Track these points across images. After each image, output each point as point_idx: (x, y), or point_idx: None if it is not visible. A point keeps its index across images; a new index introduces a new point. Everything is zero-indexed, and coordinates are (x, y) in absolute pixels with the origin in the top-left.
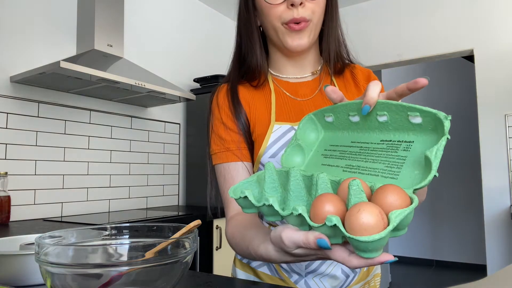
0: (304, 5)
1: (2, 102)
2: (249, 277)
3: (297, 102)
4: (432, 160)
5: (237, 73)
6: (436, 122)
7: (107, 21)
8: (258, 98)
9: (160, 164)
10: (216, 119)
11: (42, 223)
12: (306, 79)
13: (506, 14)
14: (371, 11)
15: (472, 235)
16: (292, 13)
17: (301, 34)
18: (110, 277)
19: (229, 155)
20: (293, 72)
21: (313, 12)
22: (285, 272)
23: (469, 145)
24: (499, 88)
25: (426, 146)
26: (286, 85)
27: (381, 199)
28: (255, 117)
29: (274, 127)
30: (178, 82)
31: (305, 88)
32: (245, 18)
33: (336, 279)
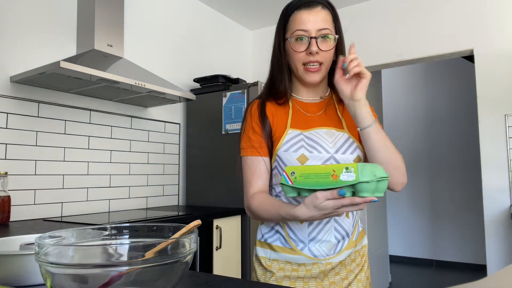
0: (319, 53)
1: (2, 102)
2: (266, 252)
3: (307, 116)
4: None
5: (268, 93)
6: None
7: (107, 21)
8: (280, 111)
9: (160, 164)
10: (248, 124)
11: (42, 223)
12: (316, 101)
13: (506, 14)
14: (371, 11)
15: (472, 235)
16: (309, 58)
17: (315, 74)
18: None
19: (253, 151)
20: (307, 95)
21: (325, 58)
22: (293, 241)
23: (469, 145)
24: (499, 88)
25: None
26: (300, 104)
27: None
28: (276, 124)
29: (289, 132)
30: (178, 82)
31: (314, 107)
32: (277, 57)
33: (331, 244)
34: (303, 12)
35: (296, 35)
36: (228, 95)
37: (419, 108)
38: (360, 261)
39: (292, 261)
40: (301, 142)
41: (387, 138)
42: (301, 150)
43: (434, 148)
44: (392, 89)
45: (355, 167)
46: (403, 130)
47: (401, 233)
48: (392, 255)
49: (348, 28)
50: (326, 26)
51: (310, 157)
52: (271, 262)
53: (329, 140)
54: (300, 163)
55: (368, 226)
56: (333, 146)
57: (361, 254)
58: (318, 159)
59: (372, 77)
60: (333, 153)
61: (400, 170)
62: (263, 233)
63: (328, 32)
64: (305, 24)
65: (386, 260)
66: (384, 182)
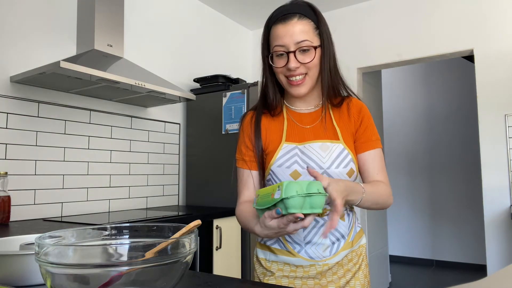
0: (300, 66)
1: (2, 102)
2: (266, 254)
3: (302, 128)
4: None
5: (261, 105)
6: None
7: (107, 21)
8: (275, 124)
9: (160, 164)
10: (241, 136)
11: (42, 223)
12: (310, 110)
13: (506, 14)
14: (371, 11)
15: (472, 235)
16: (291, 72)
17: (299, 87)
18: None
19: (243, 164)
20: (300, 105)
21: (308, 68)
22: (290, 244)
23: (469, 145)
24: (499, 88)
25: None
26: (294, 115)
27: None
28: (270, 138)
29: (283, 146)
30: (178, 82)
31: (308, 118)
32: (266, 71)
33: (326, 246)
34: (279, 27)
35: (275, 51)
36: (228, 95)
37: (419, 108)
38: (357, 260)
39: (290, 263)
40: (295, 158)
41: (375, 193)
42: (294, 166)
43: (434, 148)
44: (392, 89)
45: (281, 185)
46: (403, 130)
47: (401, 233)
48: (392, 255)
49: (348, 28)
50: (304, 37)
51: (302, 173)
52: (271, 263)
53: (323, 155)
54: (293, 178)
55: (368, 226)
56: (327, 161)
57: (359, 254)
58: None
59: (372, 77)
60: (326, 168)
61: (386, 205)
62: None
63: (307, 44)
64: (281, 39)
65: (386, 260)
66: (317, 198)
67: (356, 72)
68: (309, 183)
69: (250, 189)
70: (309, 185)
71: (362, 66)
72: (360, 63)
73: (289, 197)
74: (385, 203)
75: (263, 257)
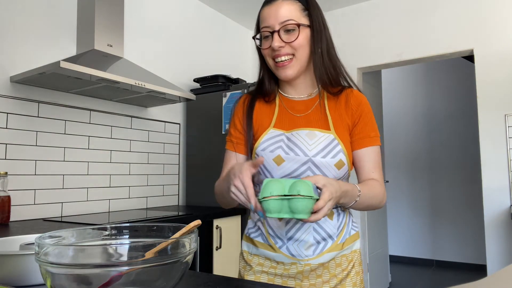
0: (285, 46)
1: (2, 102)
2: (249, 246)
3: (293, 116)
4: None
5: (256, 90)
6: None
7: (107, 21)
8: (266, 110)
9: (160, 164)
10: (232, 118)
11: (42, 223)
12: (303, 98)
13: (506, 14)
14: (371, 11)
15: (472, 235)
16: (276, 52)
17: (286, 69)
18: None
19: (230, 145)
20: (293, 92)
21: (294, 48)
22: (272, 238)
23: (469, 145)
24: (499, 88)
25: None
26: (287, 102)
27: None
28: (259, 123)
29: (270, 131)
30: (178, 82)
31: (301, 106)
32: (259, 56)
33: (309, 245)
34: (265, 9)
35: (262, 33)
36: (228, 95)
37: (419, 108)
38: (346, 265)
39: (271, 258)
40: (279, 143)
41: (370, 196)
42: (277, 151)
43: (434, 148)
44: (392, 89)
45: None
46: (403, 130)
47: (401, 233)
48: (392, 255)
49: (348, 28)
50: (288, 17)
51: (286, 158)
52: (252, 256)
53: (309, 142)
54: (276, 164)
55: (368, 226)
56: (313, 149)
57: (349, 259)
58: (295, 161)
59: (372, 77)
60: (312, 156)
61: (379, 207)
62: (248, 228)
63: (291, 23)
64: (267, 20)
65: (386, 260)
66: (297, 201)
67: (356, 72)
68: (294, 182)
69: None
70: (294, 185)
71: (362, 66)
72: (360, 63)
73: (264, 199)
74: (378, 205)
75: (246, 250)
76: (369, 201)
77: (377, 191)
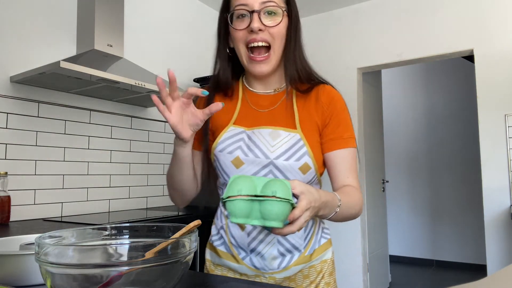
0: (264, 30)
1: (2, 102)
2: (212, 255)
3: (256, 112)
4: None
5: (212, 85)
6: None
7: (107, 21)
8: (227, 105)
9: (160, 164)
10: None
11: (42, 223)
12: (268, 93)
13: (506, 14)
14: (371, 11)
15: (472, 235)
16: (253, 36)
17: (262, 64)
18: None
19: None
20: (258, 87)
21: (273, 36)
22: (235, 248)
23: (469, 145)
24: (499, 88)
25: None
26: (251, 96)
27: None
28: (218, 119)
29: (229, 129)
30: (178, 82)
31: (265, 101)
32: (219, 41)
33: (274, 258)
34: None
35: (237, 11)
36: None
37: (419, 108)
38: (315, 278)
39: (234, 269)
40: (239, 143)
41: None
42: (236, 152)
43: (434, 148)
44: (392, 89)
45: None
46: (403, 130)
47: (401, 233)
48: (392, 255)
49: (348, 28)
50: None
51: (245, 160)
52: (215, 266)
53: (272, 143)
54: (235, 166)
55: (368, 226)
56: (276, 150)
57: (318, 270)
58: (255, 164)
59: (372, 77)
60: (273, 159)
61: (356, 217)
62: (212, 235)
63: (274, 5)
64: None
65: (386, 260)
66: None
67: (356, 72)
68: (268, 181)
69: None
70: (268, 184)
71: (362, 66)
72: (360, 63)
73: (230, 199)
74: (356, 215)
75: (209, 259)
76: (348, 211)
77: (356, 200)
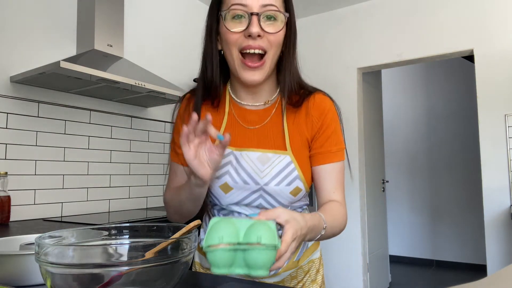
0: (262, 36)
1: (2, 102)
2: (201, 258)
3: (245, 129)
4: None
5: (202, 90)
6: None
7: (107, 21)
8: (214, 119)
9: (160, 164)
10: (175, 124)
11: (42, 223)
12: (258, 107)
13: (506, 14)
14: (371, 11)
15: (472, 235)
16: (249, 42)
17: (256, 72)
18: (110, 277)
19: (175, 157)
20: (247, 99)
21: (270, 43)
22: None
23: (469, 145)
24: (499, 88)
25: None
26: (238, 110)
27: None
28: None
29: None
30: (178, 82)
31: (254, 116)
32: (208, 41)
33: None
34: None
35: (233, 11)
36: None
37: (419, 108)
38: (302, 277)
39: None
40: (227, 167)
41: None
42: (225, 178)
43: (434, 148)
44: (392, 89)
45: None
46: (403, 130)
47: (401, 233)
48: (392, 255)
49: (348, 28)
50: (272, 1)
51: (234, 186)
52: (205, 270)
53: (261, 169)
54: (224, 191)
55: (368, 226)
56: (265, 176)
57: (306, 270)
58: (244, 189)
59: (372, 77)
60: (263, 185)
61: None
62: (201, 238)
63: (275, 9)
64: None
65: (386, 260)
66: (255, 253)
67: (356, 72)
68: (252, 225)
69: (184, 180)
70: (251, 228)
71: (362, 66)
72: (360, 63)
73: (210, 249)
74: (339, 232)
75: (198, 262)
76: (333, 230)
77: (340, 218)
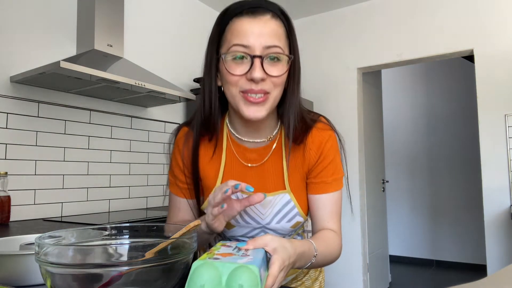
0: (266, 79)
1: (2, 102)
2: None
3: (244, 167)
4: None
5: (200, 124)
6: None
7: (107, 21)
8: (210, 154)
9: (160, 164)
10: (174, 158)
11: (42, 223)
12: (258, 144)
13: (506, 14)
14: (371, 11)
15: (472, 235)
16: (251, 85)
17: (258, 107)
18: (110, 277)
19: (177, 190)
20: (247, 135)
21: (274, 85)
22: None
23: (469, 145)
24: (499, 88)
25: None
26: (237, 147)
27: None
28: (205, 171)
29: None
30: (178, 82)
31: (254, 154)
32: (207, 77)
33: None
34: (244, 21)
35: (234, 52)
36: None
37: (419, 108)
38: (301, 277)
39: None
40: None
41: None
42: None
43: (434, 148)
44: (392, 89)
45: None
46: (403, 130)
47: (401, 233)
48: (392, 255)
49: (348, 28)
50: (276, 42)
51: (236, 225)
52: None
53: (262, 212)
54: (226, 228)
55: (368, 226)
56: (266, 217)
57: (304, 272)
58: (246, 227)
59: (372, 77)
60: (266, 224)
61: (332, 263)
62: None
63: (279, 51)
64: (246, 38)
65: (386, 260)
66: None
67: (356, 72)
68: (234, 269)
69: (187, 212)
70: (234, 273)
71: (362, 66)
72: (360, 63)
73: None
74: (332, 262)
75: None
76: (325, 259)
77: (334, 247)
